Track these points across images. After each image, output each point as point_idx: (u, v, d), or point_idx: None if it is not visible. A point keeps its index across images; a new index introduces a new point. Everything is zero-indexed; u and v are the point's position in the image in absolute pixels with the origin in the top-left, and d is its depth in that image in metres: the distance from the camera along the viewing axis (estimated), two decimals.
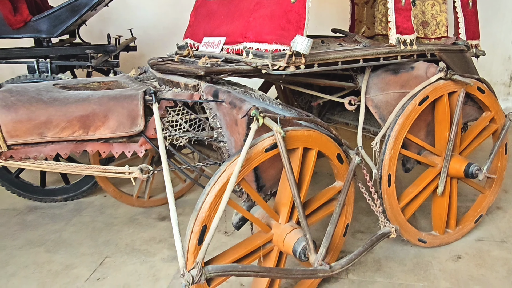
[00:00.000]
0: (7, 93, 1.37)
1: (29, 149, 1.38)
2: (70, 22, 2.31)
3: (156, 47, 3.72)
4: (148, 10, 3.82)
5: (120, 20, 3.74)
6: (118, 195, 2.34)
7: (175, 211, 1.22)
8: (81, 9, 2.30)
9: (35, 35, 2.31)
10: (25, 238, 2.18)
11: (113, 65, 2.43)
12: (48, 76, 2.29)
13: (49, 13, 2.27)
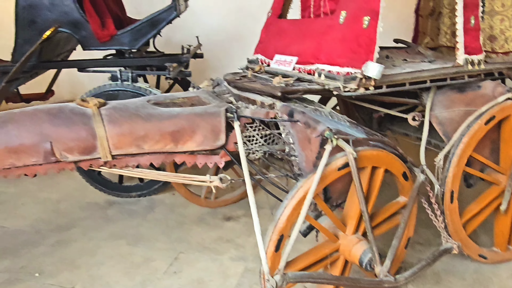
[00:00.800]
0: (113, 110, 1.58)
1: (129, 159, 1.59)
2: (150, 35, 2.54)
3: (218, 53, 3.92)
4: (211, 16, 4.01)
5: (185, 27, 3.97)
6: (188, 195, 2.55)
7: (258, 223, 1.37)
8: (160, 23, 2.52)
9: (118, 47, 2.56)
10: (109, 231, 2.45)
11: (186, 74, 2.63)
12: (129, 85, 2.53)
13: (131, 27, 2.51)
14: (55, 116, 1.50)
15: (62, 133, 1.48)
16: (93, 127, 1.52)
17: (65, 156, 1.50)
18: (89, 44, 2.50)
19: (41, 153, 1.47)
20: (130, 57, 2.60)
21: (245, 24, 3.88)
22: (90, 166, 1.58)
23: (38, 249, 2.30)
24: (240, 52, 3.96)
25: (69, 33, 2.48)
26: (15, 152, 1.44)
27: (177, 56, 2.71)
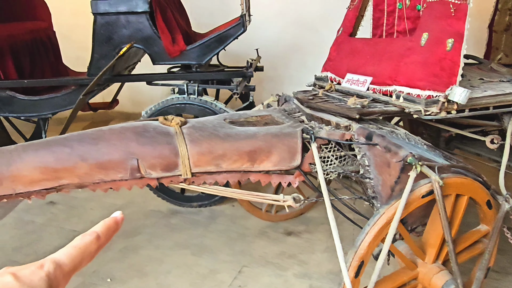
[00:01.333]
0: (192, 129, 1.63)
1: (207, 177, 1.63)
2: (217, 50, 2.60)
3: (276, 64, 3.94)
4: (270, 29, 4.05)
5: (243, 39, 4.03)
6: (250, 208, 2.59)
7: (341, 248, 1.36)
8: (228, 39, 2.58)
9: (187, 62, 2.64)
10: (173, 240, 2.53)
11: (250, 89, 2.67)
12: (195, 98, 2.60)
13: (200, 43, 2.58)
14: (141, 135, 1.57)
15: (147, 151, 1.55)
16: (176, 146, 1.58)
17: (149, 172, 1.57)
18: (160, 59, 2.60)
19: (128, 170, 1.54)
20: (196, 71, 2.67)
21: (303, 36, 3.89)
22: (171, 182, 1.64)
23: (107, 254, 2.41)
24: (298, 64, 3.98)
25: (141, 48, 2.59)
26: (105, 168, 1.52)
27: (242, 70, 2.76)
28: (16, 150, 1.49)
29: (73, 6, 4.36)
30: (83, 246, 0.42)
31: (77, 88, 2.71)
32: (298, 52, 3.94)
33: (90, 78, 2.62)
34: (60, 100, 2.74)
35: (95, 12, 2.51)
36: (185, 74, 2.66)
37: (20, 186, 1.47)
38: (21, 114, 2.75)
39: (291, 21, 3.92)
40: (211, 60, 3.11)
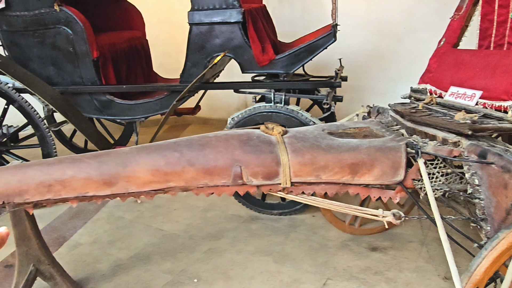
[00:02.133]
0: (294, 139, 1.65)
1: (306, 187, 1.63)
2: (306, 60, 2.61)
3: (357, 74, 3.87)
4: (351, 38, 3.99)
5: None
6: (333, 220, 2.55)
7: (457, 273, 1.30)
8: (318, 49, 2.57)
9: (275, 71, 2.67)
10: (255, 246, 2.56)
11: (338, 99, 2.65)
12: (282, 107, 2.62)
13: (290, 52, 2.60)
14: (245, 143, 1.61)
15: (251, 159, 1.58)
16: (278, 155, 1.60)
17: (251, 180, 1.60)
18: (249, 67, 2.66)
19: (231, 176, 1.59)
20: (284, 80, 2.69)
21: (386, 46, 3.79)
22: (270, 191, 1.66)
23: (193, 255, 2.49)
24: (380, 74, 3.88)
25: (231, 57, 2.67)
26: (210, 173, 1.58)
27: (329, 80, 2.74)
28: (131, 152, 1.59)
29: (159, 17, 4.62)
30: None
31: (169, 94, 2.85)
32: (380, 62, 3.84)
33: (183, 85, 2.75)
34: (153, 105, 2.90)
35: (191, 22, 2.63)
36: (272, 83, 2.69)
37: (133, 186, 1.57)
38: (118, 117, 2.95)
39: (374, 30, 3.83)
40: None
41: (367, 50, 3.88)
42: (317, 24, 3.89)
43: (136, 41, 3.34)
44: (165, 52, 4.74)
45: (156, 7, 4.52)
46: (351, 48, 3.88)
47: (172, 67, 4.78)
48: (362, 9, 3.78)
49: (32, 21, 2.74)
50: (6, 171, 1.51)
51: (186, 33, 4.67)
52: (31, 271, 2.03)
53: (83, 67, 2.81)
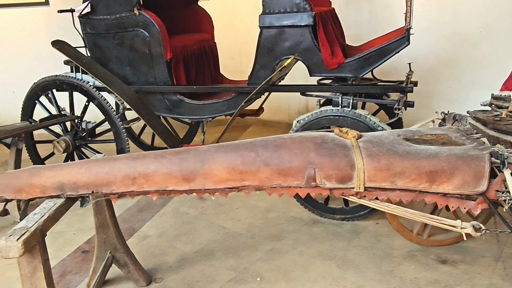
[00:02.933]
0: (369, 144, 1.63)
1: (380, 192, 1.61)
2: (377, 64, 2.56)
3: (426, 78, 3.73)
4: (421, 40, 3.85)
5: None
6: (400, 228, 2.48)
7: None
8: (389, 53, 2.52)
9: (344, 75, 2.65)
10: (317, 249, 2.55)
11: (409, 105, 2.57)
12: (349, 111, 2.59)
13: (359, 56, 2.57)
14: (320, 146, 1.61)
15: (325, 162, 1.58)
16: (352, 159, 1.59)
17: (324, 182, 1.61)
18: (318, 70, 2.66)
19: (305, 178, 1.60)
20: (352, 84, 2.66)
21: (459, 50, 3.62)
22: (342, 195, 1.65)
23: (255, 254, 2.53)
24: (451, 80, 3.72)
25: (300, 60, 2.68)
26: (284, 174, 1.60)
27: (400, 85, 2.67)
28: (209, 150, 1.65)
29: (225, 21, 4.74)
30: None
31: (236, 95, 2.92)
32: (452, 67, 3.68)
33: (250, 87, 2.81)
34: (220, 106, 2.99)
35: (262, 26, 2.68)
36: (341, 86, 2.67)
37: (210, 183, 1.63)
38: (187, 116, 3.07)
39: (447, 34, 3.67)
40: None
41: (438, 55, 3.72)
42: (384, 27, 3.80)
43: (205, 44, 3.45)
44: (229, 54, 4.85)
45: (223, 11, 4.65)
46: (421, 52, 3.74)
47: (236, 68, 4.90)
48: (434, 11, 3.64)
49: (113, 24, 2.93)
50: (96, 163, 1.63)
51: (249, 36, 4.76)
52: (108, 258, 2.17)
53: (157, 67, 2.95)
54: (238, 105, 2.89)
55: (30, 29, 4.71)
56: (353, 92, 2.63)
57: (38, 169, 1.61)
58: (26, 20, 4.68)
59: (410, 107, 2.59)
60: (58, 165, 1.64)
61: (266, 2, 2.62)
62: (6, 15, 4.65)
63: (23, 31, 4.71)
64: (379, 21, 3.95)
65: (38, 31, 4.71)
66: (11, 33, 4.70)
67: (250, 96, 2.72)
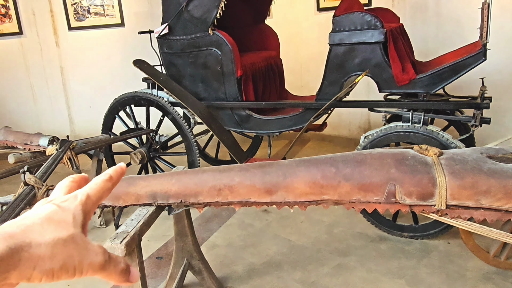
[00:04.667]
0: (452, 161, 1.62)
1: (462, 211, 1.59)
2: (450, 80, 2.53)
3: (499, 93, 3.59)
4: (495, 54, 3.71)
5: None
6: (476, 249, 2.40)
7: None
8: (464, 69, 2.48)
9: (415, 91, 2.63)
10: (385, 267, 2.52)
11: (485, 121, 2.50)
12: (420, 127, 2.56)
13: (432, 72, 2.55)
14: (400, 162, 1.63)
15: (406, 179, 1.60)
16: (434, 176, 1.59)
17: (404, 199, 1.61)
18: (387, 87, 2.67)
19: (384, 194, 1.62)
20: (423, 100, 2.64)
21: None
22: (422, 211, 1.65)
23: (323, 268, 2.55)
24: None
25: (369, 76, 2.70)
26: (365, 189, 1.63)
27: (474, 101, 2.61)
28: (290, 165, 1.72)
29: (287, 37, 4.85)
30: (102, 184, 0.49)
31: (303, 111, 2.99)
32: None
33: (319, 103, 2.86)
34: (287, 121, 3.07)
35: (332, 43, 2.74)
36: (411, 102, 2.65)
37: (290, 196, 1.70)
38: (254, 130, 3.18)
39: None
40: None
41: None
42: (452, 41, 3.72)
43: (272, 60, 3.57)
44: (291, 70, 4.94)
45: (285, 28, 4.77)
46: (494, 67, 3.61)
47: (297, 84, 4.99)
48: (510, 24, 3.52)
49: (189, 44, 3.12)
50: (185, 174, 1.76)
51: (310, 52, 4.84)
52: (184, 264, 2.29)
53: (227, 84, 3.10)
54: (305, 120, 2.95)
55: (106, 48, 5.10)
56: (424, 108, 2.61)
57: (134, 179, 1.76)
58: (103, 40, 5.07)
59: (486, 123, 2.52)
60: (152, 176, 1.78)
61: (336, 20, 2.68)
62: (86, 36, 5.07)
63: (100, 50, 5.11)
64: (447, 35, 3.87)
65: (113, 50, 5.09)
66: (90, 52, 5.12)
67: (319, 112, 2.77)
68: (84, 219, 0.45)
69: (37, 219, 0.41)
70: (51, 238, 0.40)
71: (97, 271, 0.43)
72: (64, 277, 0.41)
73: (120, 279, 0.47)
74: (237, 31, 3.49)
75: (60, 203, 0.44)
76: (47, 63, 5.16)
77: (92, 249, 0.43)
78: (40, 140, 2.82)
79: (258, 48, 3.66)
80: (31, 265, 0.38)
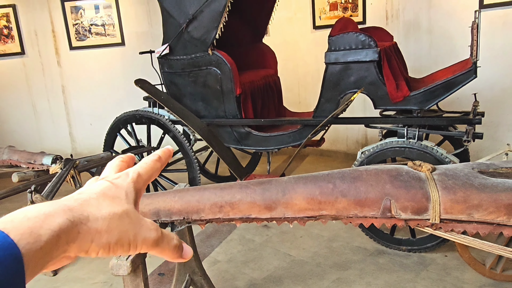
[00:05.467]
0: (444, 176, 1.69)
1: (456, 225, 1.65)
2: (443, 97, 2.61)
3: (490, 109, 3.68)
4: (486, 71, 3.82)
5: None
6: (472, 262, 2.44)
7: None
8: (456, 86, 2.57)
9: (409, 107, 2.71)
10: (384, 280, 2.56)
11: (478, 137, 2.57)
12: (415, 142, 2.64)
13: (425, 89, 2.64)
14: (395, 178, 1.69)
15: (401, 194, 1.66)
16: (428, 191, 1.65)
17: (400, 213, 1.67)
18: (382, 104, 2.75)
19: (381, 209, 1.68)
20: (417, 116, 2.72)
21: None
22: (417, 226, 1.71)
23: (323, 282, 2.59)
24: None
25: (365, 93, 2.79)
26: (361, 205, 1.69)
27: (466, 116, 2.69)
28: (289, 181, 1.79)
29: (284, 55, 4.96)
30: (152, 163, 0.49)
31: (302, 127, 3.07)
32: None
33: (316, 120, 2.94)
34: (286, 137, 3.14)
35: (327, 62, 2.83)
36: (406, 118, 2.73)
37: (290, 212, 1.76)
38: (253, 147, 3.25)
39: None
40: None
41: (503, 84, 3.68)
42: (445, 58, 3.83)
43: (270, 79, 3.66)
44: (289, 86, 5.04)
45: (282, 45, 4.88)
46: (485, 82, 3.71)
47: (295, 100, 5.08)
48: (499, 40, 3.63)
49: (189, 63, 3.21)
50: (187, 192, 1.82)
51: (307, 69, 4.94)
52: (187, 280, 2.33)
53: (227, 102, 3.18)
54: (303, 136, 3.02)
55: (107, 67, 5.20)
56: (419, 124, 2.68)
57: None
58: (104, 59, 5.18)
59: (478, 138, 2.60)
60: (155, 194, 1.84)
61: (332, 40, 2.77)
62: (88, 55, 5.18)
63: (101, 69, 5.21)
64: (439, 53, 3.98)
65: (114, 69, 5.19)
66: (91, 71, 5.22)
67: (317, 128, 2.85)
68: (136, 196, 0.45)
69: (93, 194, 0.42)
70: (107, 213, 0.41)
71: (151, 247, 0.44)
72: (119, 252, 0.42)
73: (173, 256, 0.47)
74: (235, 49, 3.59)
75: (113, 180, 0.45)
76: (49, 82, 5.25)
77: (145, 225, 0.44)
78: (44, 159, 2.88)
79: (257, 67, 3.75)
80: (89, 238, 0.39)
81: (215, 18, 3.01)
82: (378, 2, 4.32)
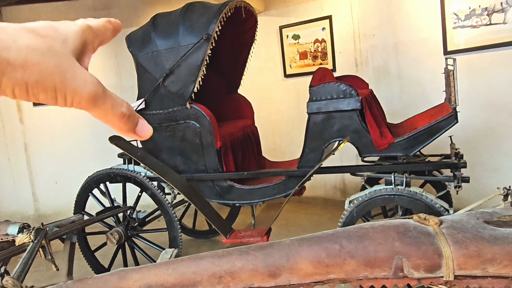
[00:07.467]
0: (453, 230, 1.62)
1: (471, 281, 1.57)
2: (427, 143, 2.63)
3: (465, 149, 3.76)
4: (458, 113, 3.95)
5: None
6: None
7: None
8: (438, 131, 2.60)
9: (394, 154, 2.71)
10: None
11: (465, 180, 2.58)
12: (404, 189, 2.60)
13: (409, 136, 2.65)
14: (404, 234, 1.61)
15: (412, 251, 1.57)
16: (438, 247, 1.57)
17: (412, 272, 1.58)
18: (367, 151, 2.73)
19: (392, 268, 1.58)
20: (403, 162, 2.71)
21: (497, 120, 3.69)
22: (431, 284, 1.61)
23: None
24: (491, 149, 3.75)
25: (350, 142, 2.76)
26: (371, 266, 1.59)
27: (451, 160, 2.71)
28: (292, 244, 1.66)
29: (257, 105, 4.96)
30: (103, 22, 0.43)
31: (286, 178, 2.98)
32: (491, 137, 3.73)
33: (302, 170, 2.87)
34: (271, 190, 3.04)
35: (310, 112, 2.81)
36: (393, 165, 2.72)
37: (295, 278, 1.62)
38: (237, 201, 3.11)
39: (482, 104, 3.77)
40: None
41: (475, 125, 3.79)
42: (416, 103, 3.94)
43: (248, 129, 3.60)
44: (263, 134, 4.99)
45: (255, 94, 4.88)
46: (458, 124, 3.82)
47: (269, 147, 5.03)
48: (466, 84, 3.78)
49: (166, 117, 3.10)
50: (181, 263, 1.64)
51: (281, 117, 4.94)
52: None
53: (207, 156, 3.06)
54: (288, 188, 2.94)
55: (73, 123, 4.99)
56: (405, 170, 2.67)
57: (126, 272, 1.62)
58: (70, 115, 4.97)
59: (465, 182, 2.60)
60: (145, 267, 1.65)
61: (313, 90, 2.77)
62: (52, 110, 4.96)
63: (67, 125, 4.99)
64: (410, 97, 4.10)
65: (80, 124, 4.98)
66: (55, 128, 4.98)
67: (304, 179, 2.77)
68: (80, 46, 0.39)
69: (15, 25, 0.36)
70: (25, 44, 0.35)
71: (86, 103, 0.38)
72: (42, 97, 0.36)
73: (121, 125, 0.40)
74: (211, 101, 3.53)
75: (53, 23, 0.38)
76: (10, 140, 4.95)
77: (81, 76, 0.37)
78: (9, 228, 2.60)
79: (234, 117, 3.69)
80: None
81: (192, 72, 2.95)
82: (347, 50, 4.45)
